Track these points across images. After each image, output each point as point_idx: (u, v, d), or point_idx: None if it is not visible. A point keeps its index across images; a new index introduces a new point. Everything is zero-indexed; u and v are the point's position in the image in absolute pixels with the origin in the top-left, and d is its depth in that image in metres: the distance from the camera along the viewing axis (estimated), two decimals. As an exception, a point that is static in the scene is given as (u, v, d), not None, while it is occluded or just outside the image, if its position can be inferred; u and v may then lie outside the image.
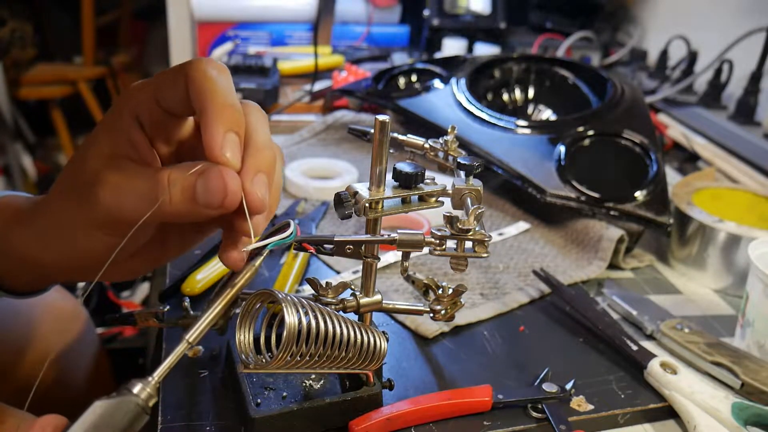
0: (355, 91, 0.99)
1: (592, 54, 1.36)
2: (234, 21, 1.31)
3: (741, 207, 0.75)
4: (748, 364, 0.55)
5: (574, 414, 0.51)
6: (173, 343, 0.54)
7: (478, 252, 0.45)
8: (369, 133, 0.51)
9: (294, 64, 1.21)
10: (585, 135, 0.81)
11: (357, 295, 0.49)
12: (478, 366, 0.55)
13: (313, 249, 0.46)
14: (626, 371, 0.56)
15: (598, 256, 0.71)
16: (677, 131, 1.06)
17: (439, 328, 0.58)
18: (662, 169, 0.75)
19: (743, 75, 1.07)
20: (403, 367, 0.54)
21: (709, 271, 0.70)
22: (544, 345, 0.59)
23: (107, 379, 0.84)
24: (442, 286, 0.51)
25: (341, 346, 0.43)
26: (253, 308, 0.44)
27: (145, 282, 1.09)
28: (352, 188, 0.45)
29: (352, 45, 1.42)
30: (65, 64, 2.49)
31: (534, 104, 1.00)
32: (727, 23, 1.18)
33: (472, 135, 0.82)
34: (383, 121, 0.43)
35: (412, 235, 0.46)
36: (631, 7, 1.49)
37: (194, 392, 0.49)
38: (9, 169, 2.23)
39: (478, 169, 0.49)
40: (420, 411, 0.48)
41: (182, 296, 0.57)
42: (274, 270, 0.66)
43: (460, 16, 1.41)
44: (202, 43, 1.31)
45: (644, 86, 1.22)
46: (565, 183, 0.75)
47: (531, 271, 0.68)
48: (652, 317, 0.62)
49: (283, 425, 0.46)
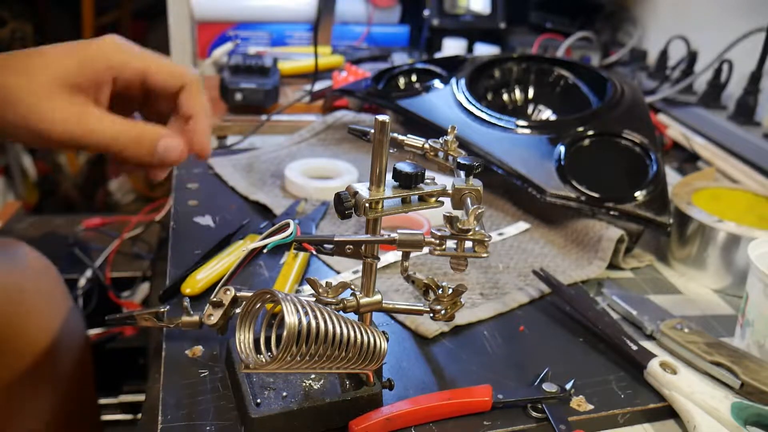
0: (355, 91, 0.99)
1: (592, 54, 1.36)
2: (234, 21, 1.31)
3: (741, 207, 0.75)
4: (748, 364, 0.55)
5: (574, 414, 0.51)
6: (173, 343, 0.54)
7: (478, 252, 0.45)
8: (369, 133, 0.51)
9: (294, 64, 1.21)
10: (585, 135, 0.81)
11: (357, 295, 0.49)
12: (478, 366, 0.55)
13: (313, 249, 0.46)
14: (626, 371, 0.56)
15: (598, 256, 0.71)
16: (677, 131, 1.06)
17: (439, 329, 0.58)
18: (662, 169, 0.75)
19: (743, 75, 1.07)
20: (403, 367, 0.54)
21: (709, 271, 0.70)
22: (544, 345, 0.59)
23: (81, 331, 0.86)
24: (442, 286, 0.51)
25: (341, 346, 0.43)
26: (253, 308, 0.44)
27: (145, 282, 1.09)
28: (352, 188, 0.45)
29: (352, 45, 1.42)
30: (65, 64, 2.49)
31: (534, 104, 1.00)
32: (727, 23, 1.18)
33: (472, 135, 0.82)
34: (383, 121, 0.43)
35: (412, 235, 0.46)
36: (631, 7, 1.49)
37: (194, 392, 0.49)
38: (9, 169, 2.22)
39: (478, 169, 0.49)
40: (420, 411, 0.48)
41: (182, 296, 0.57)
42: (274, 270, 0.66)
43: (460, 16, 1.41)
44: (202, 43, 1.31)
45: (644, 86, 1.22)
46: (565, 183, 0.75)
47: (531, 271, 0.68)
48: (652, 317, 0.62)
49: (283, 425, 0.46)
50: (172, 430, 0.46)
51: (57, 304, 0.79)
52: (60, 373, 0.79)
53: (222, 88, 1.01)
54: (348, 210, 0.44)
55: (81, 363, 0.83)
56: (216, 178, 0.85)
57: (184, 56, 1.54)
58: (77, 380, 0.83)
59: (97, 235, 1.15)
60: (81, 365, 0.84)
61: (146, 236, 1.15)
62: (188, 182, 0.83)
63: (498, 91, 1.00)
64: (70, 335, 0.81)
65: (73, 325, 0.82)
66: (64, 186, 2.35)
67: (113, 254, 1.09)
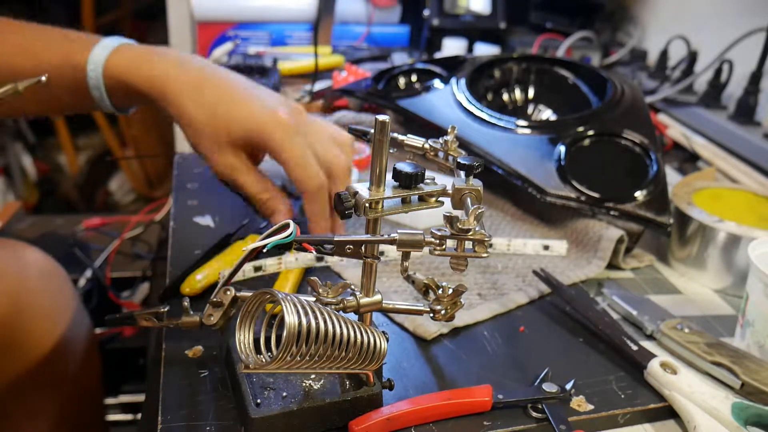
0: (355, 91, 0.98)
1: (592, 54, 1.36)
2: (234, 21, 1.31)
3: (741, 207, 0.75)
4: (748, 364, 0.55)
5: (574, 414, 0.51)
6: (173, 343, 0.54)
7: (478, 252, 0.45)
8: (369, 133, 0.51)
9: (294, 64, 1.21)
10: (585, 135, 0.81)
11: (357, 295, 0.49)
12: (478, 366, 0.55)
13: (313, 249, 0.46)
14: (626, 371, 0.56)
15: (597, 255, 0.71)
16: (677, 131, 1.06)
17: (437, 330, 0.58)
18: (662, 169, 0.75)
19: (743, 75, 1.07)
20: (403, 367, 0.54)
21: (709, 271, 0.70)
22: (544, 345, 0.59)
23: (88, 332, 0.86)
24: (442, 286, 0.51)
25: (341, 346, 0.43)
26: (253, 308, 0.44)
27: (145, 282, 1.09)
28: (351, 188, 0.45)
29: (352, 45, 1.42)
30: (65, 64, 2.49)
31: (534, 104, 1.00)
32: (727, 23, 1.18)
33: (472, 135, 0.82)
34: (383, 121, 0.43)
35: (412, 235, 0.46)
36: (631, 7, 1.49)
37: (194, 392, 0.49)
38: (9, 169, 2.22)
39: (478, 169, 0.49)
40: (420, 411, 0.48)
41: (182, 296, 0.57)
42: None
43: (460, 16, 1.40)
44: (202, 43, 1.31)
45: (644, 86, 1.22)
46: (565, 183, 0.75)
47: (530, 272, 0.68)
48: (652, 317, 0.62)
49: (283, 425, 0.46)
50: (172, 430, 0.46)
51: (64, 306, 0.79)
52: (68, 374, 0.79)
53: (222, 88, 1.01)
54: (348, 210, 0.44)
55: (88, 363, 0.84)
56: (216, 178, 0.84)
57: (184, 56, 1.54)
58: (85, 381, 0.83)
59: (97, 235, 1.15)
60: (88, 366, 0.84)
61: (146, 236, 1.15)
62: (188, 182, 0.83)
63: (498, 91, 1.00)
64: (78, 336, 0.81)
65: (81, 326, 0.82)
66: (64, 186, 2.35)
67: (113, 254, 1.09)
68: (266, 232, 0.45)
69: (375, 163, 0.44)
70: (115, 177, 2.39)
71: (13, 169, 2.24)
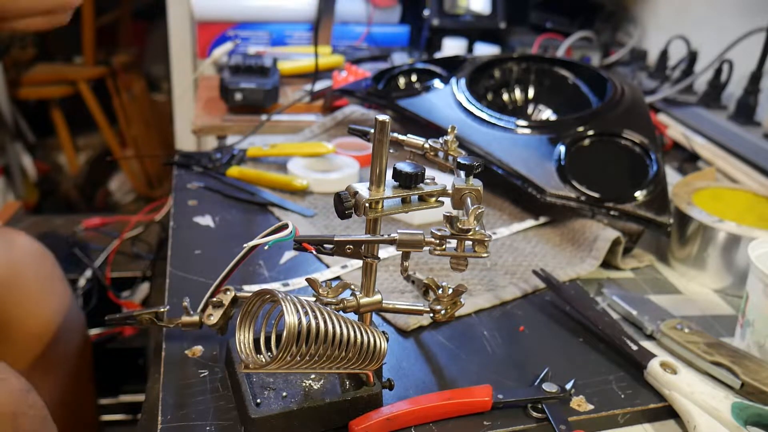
0: (355, 91, 0.98)
1: (592, 54, 1.36)
2: (234, 21, 1.31)
3: (741, 207, 0.75)
4: (748, 364, 0.55)
5: (574, 414, 0.51)
6: (173, 343, 0.54)
7: (478, 252, 0.45)
8: (369, 132, 0.51)
9: (294, 64, 1.21)
10: (585, 135, 0.81)
11: (357, 295, 0.49)
12: (478, 366, 0.55)
13: (312, 249, 0.46)
14: (626, 371, 0.56)
15: (592, 254, 0.71)
16: (677, 131, 1.06)
17: (417, 323, 0.58)
18: (662, 169, 0.75)
19: (743, 75, 1.07)
20: (403, 367, 0.54)
21: (709, 271, 0.70)
22: (544, 345, 0.59)
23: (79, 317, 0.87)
24: (442, 286, 0.51)
25: (341, 346, 0.43)
26: (253, 308, 0.44)
27: (145, 282, 1.09)
28: (352, 188, 0.45)
29: (352, 45, 1.42)
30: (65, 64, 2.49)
31: (534, 104, 1.00)
32: (727, 23, 1.18)
33: (472, 135, 0.82)
34: (383, 121, 0.43)
35: (412, 235, 0.46)
36: (631, 7, 1.49)
37: (194, 392, 0.49)
38: (9, 169, 2.22)
39: (478, 169, 0.49)
40: (420, 411, 0.48)
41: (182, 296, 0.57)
42: (273, 270, 0.66)
43: (460, 16, 1.40)
44: (202, 43, 1.31)
45: (644, 86, 1.22)
46: (565, 183, 0.75)
47: (521, 269, 0.68)
48: (652, 317, 0.62)
49: (283, 425, 0.46)
50: (172, 430, 0.46)
51: (54, 290, 0.80)
52: (58, 354, 0.80)
53: (222, 88, 1.01)
54: (348, 210, 0.44)
55: (79, 345, 0.84)
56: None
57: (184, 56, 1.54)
58: (76, 362, 0.84)
59: (97, 235, 1.15)
60: (80, 347, 0.84)
61: (146, 236, 1.15)
62: (188, 182, 0.83)
63: (498, 91, 1.00)
64: (68, 318, 0.82)
65: (71, 309, 0.83)
66: (64, 186, 2.35)
67: (113, 254, 1.09)
68: (265, 231, 0.45)
69: (375, 163, 0.44)
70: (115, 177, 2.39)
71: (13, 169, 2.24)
